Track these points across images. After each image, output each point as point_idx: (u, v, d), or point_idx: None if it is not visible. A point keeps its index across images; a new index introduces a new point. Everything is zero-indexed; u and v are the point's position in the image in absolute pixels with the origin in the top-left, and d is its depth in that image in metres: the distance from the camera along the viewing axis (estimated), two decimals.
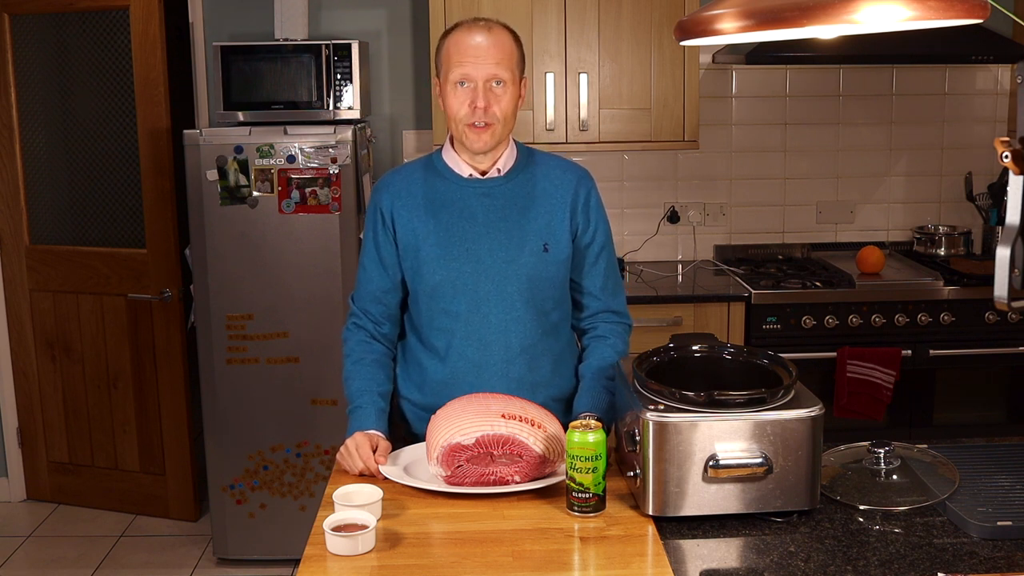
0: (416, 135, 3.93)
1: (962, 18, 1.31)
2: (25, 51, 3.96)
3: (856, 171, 4.02)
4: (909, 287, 3.46)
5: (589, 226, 2.16)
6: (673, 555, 1.62)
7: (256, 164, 3.36)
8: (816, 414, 1.70)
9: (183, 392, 3.91)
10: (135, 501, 4.06)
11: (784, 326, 3.43)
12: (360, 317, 2.20)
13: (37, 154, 4.06)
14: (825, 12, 1.28)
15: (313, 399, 3.49)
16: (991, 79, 3.96)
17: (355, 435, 1.99)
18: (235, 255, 3.42)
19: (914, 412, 3.51)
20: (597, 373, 2.14)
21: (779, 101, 3.96)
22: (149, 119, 3.75)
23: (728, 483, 1.69)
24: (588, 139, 3.58)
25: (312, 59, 3.46)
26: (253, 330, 3.46)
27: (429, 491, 1.85)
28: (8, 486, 4.21)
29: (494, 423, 1.84)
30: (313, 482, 3.55)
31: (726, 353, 1.95)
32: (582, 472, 1.73)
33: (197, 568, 3.63)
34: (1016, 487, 1.80)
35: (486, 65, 2.02)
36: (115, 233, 3.98)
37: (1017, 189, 1.60)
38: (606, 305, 2.21)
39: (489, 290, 2.09)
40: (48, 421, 4.15)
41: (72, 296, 4.00)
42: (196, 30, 3.84)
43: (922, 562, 1.57)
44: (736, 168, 3.99)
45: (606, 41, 3.53)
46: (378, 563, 1.61)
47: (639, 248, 3.98)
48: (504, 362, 2.11)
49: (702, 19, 1.42)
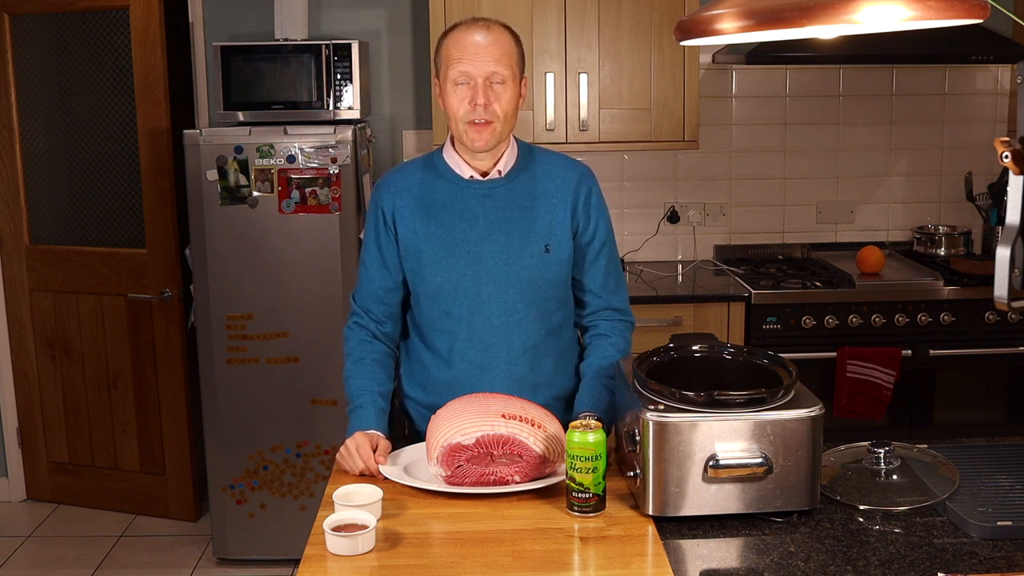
0: (416, 135, 3.93)
1: (962, 18, 1.31)
2: (25, 51, 3.96)
3: (856, 171, 4.02)
4: (909, 287, 3.46)
5: (590, 223, 2.15)
6: (673, 555, 1.62)
7: (256, 164, 3.36)
8: (816, 414, 1.70)
9: (183, 392, 3.91)
10: (135, 501, 4.06)
11: (784, 326, 3.43)
12: (362, 316, 2.20)
13: (37, 154, 4.06)
14: (825, 12, 1.28)
15: (313, 399, 3.49)
16: (991, 79, 3.96)
17: (355, 435, 1.99)
18: (235, 255, 3.42)
19: (914, 412, 3.51)
20: (598, 372, 2.14)
21: (779, 101, 3.96)
22: (149, 119, 3.75)
23: (728, 483, 1.69)
24: (588, 139, 3.58)
25: (312, 59, 3.46)
26: (253, 330, 3.46)
27: (429, 491, 1.85)
28: (8, 486, 4.21)
29: (494, 423, 1.84)
30: (313, 482, 3.55)
31: (726, 353, 1.95)
32: (582, 472, 1.73)
33: (197, 568, 3.63)
34: (1016, 487, 1.80)
35: (486, 62, 2.01)
36: (115, 233, 3.98)
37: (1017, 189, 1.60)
38: (607, 303, 2.21)
39: (490, 293, 2.09)
40: (48, 421, 4.15)
41: (72, 296, 4.00)
42: (196, 30, 3.84)
43: (922, 562, 1.57)
44: (736, 168, 3.99)
45: (606, 41, 3.53)
46: (378, 563, 1.61)
47: (639, 248, 3.98)
48: (506, 363, 2.11)
49: (702, 19, 1.43)
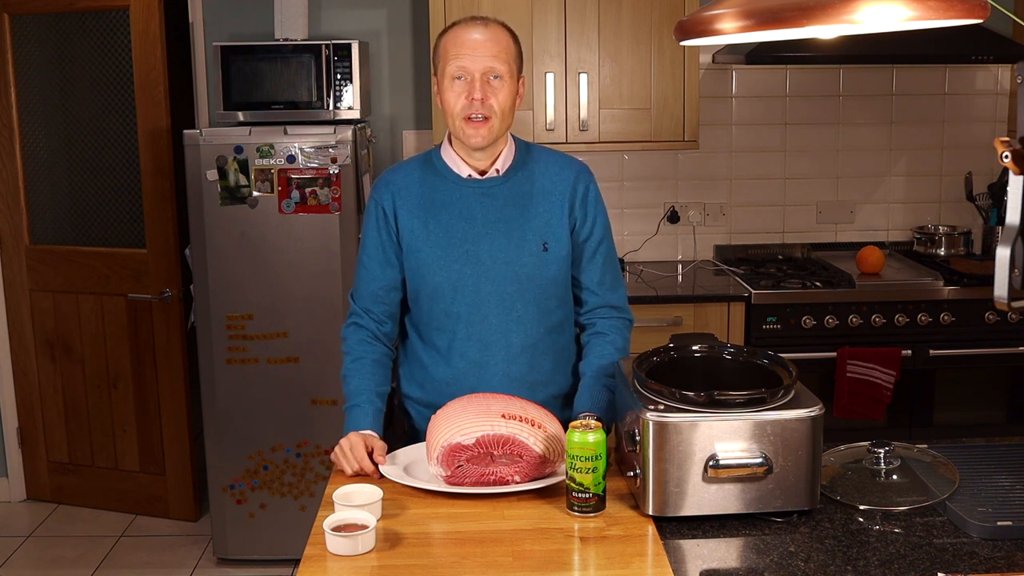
0: (416, 135, 3.93)
1: (962, 18, 1.31)
2: (25, 51, 3.96)
3: (856, 171, 4.01)
4: (909, 287, 3.46)
5: (587, 220, 2.15)
6: (673, 555, 1.62)
7: (256, 164, 3.36)
8: (816, 414, 1.70)
9: (183, 392, 3.91)
10: (135, 501, 4.06)
11: (784, 326, 3.43)
12: (361, 316, 2.20)
13: (37, 154, 4.06)
14: (825, 12, 1.28)
15: (313, 399, 3.49)
16: (991, 79, 3.96)
17: (349, 435, 1.98)
18: (235, 255, 3.42)
19: (914, 412, 3.51)
20: (597, 372, 2.14)
21: (779, 101, 3.96)
22: (149, 119, 3.75)
23: (728, 483, 1.69)
24: (588, 139, 3.58)
25: (312, 59, 3.46)
26: (253, 330, 3.46)
27: (429, 491, 1.85)
28: (8, 486, 4.21)
29: (494, 423, 1.84)
30: (313, 482, 3.55)
31: (726, 353, 1.95)
32: (582, 472, 1.73)
33: (197, 568, 3.63)
34: (1016, 487, 1.80)
35: (483, 58, 2.02)
36: (115, 233, 3.98)
37: (1017, 189, 1.60)
38: (604, 300, 2.20)
39: (489, 291, 2.09)
40: (48, 421, 4.14)
41: (72, 296, 4.00)
42: (196, 30, 3.84)
43: (922, 562, 1.57)
44: (736, 168, 3.99)
45: (606, 41, 3.53)
46: (378, 563, 1.61)
47: (639, 248, 3.98)
48: (505, 362, 2.11)
49: (702, 19, 1.42)
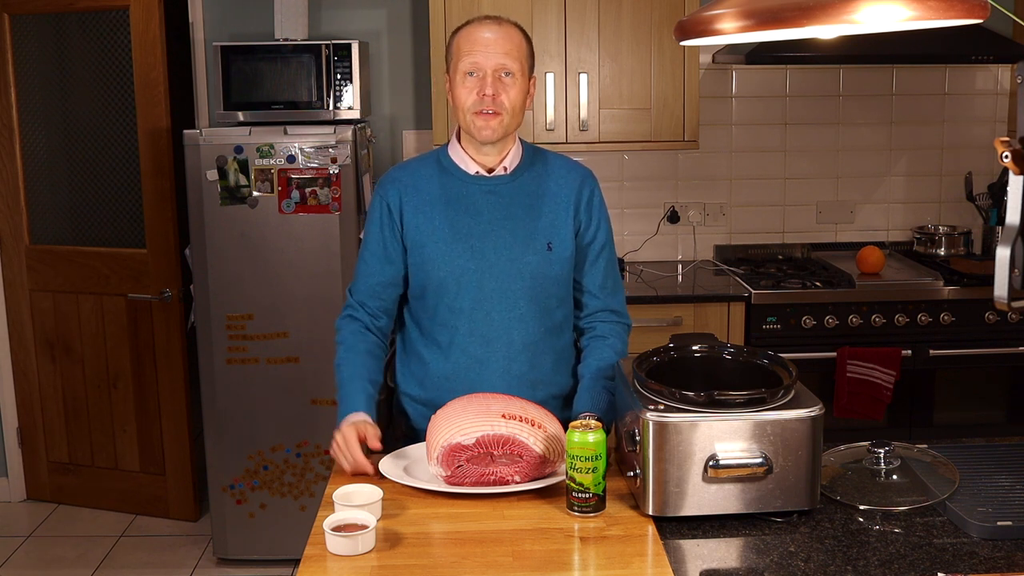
0: (416, 135, 3.93)
1: (962, 18, 1.31)
2: (25, 51, 3.96)
3: (856, 171, 4.01)
4: (909, 287, 3.46)
5: (591, 224, 2.17)
6: (673, 555, 1.62)
7: (256, 164, 3.36)
8: (816, 414, 1.70)
9: (183, 392, 3.91)
10: (135, 501, 4.06)
11: (784, 326, 3.43)
12: (357, 309, 2.20)
13: (37, 154, 4.06)
14: (825, 12, 1.28)
15: (313, 399, 3.49)
16: (991, 79, 3.96)
17: (342, 428, 1.98)
18: (235, 255, 3.42)
19: (914, 412, 3.51)
20: (596, 373, 2.14)
21: (779, 101, 3.96)
22: (149, 119, 3.75)
23: (728, 483, 1.69)
24: (588, 139, 3.58)
25: (312, 59, 3.46)
26: (253, 330, 3.46)
27: (429, 491, 1.85)
28: (8, 486, 4.21)
29: (494, 423, 1.84)
30: (313, 482, 3.55)
31: (726, 353, 1.95)
32: (582, 472, 1.73)
33: (197, 568, 3.63)
34: (1016, 487, 1.80)
35: (495, 55, 2.04)
36: (115, 233, 3.98)
37: (1017, 189, 1.60)
38: (605, 304, 2.22)
39: (493, 288, 2.10)
40: (48, 421, 4.14)
41: (72, 296, 4.00)
42: (196, 30, 3.84)
43: (922, 562, 1.57)
44: (736, 168, 3.99)
45: (606, 41, 3.53)
46: (378, 563, 1.61)
47: (639, 248, 3.98)
48: (506, 359, 2.12)
49: (702, 19, 1.42)
